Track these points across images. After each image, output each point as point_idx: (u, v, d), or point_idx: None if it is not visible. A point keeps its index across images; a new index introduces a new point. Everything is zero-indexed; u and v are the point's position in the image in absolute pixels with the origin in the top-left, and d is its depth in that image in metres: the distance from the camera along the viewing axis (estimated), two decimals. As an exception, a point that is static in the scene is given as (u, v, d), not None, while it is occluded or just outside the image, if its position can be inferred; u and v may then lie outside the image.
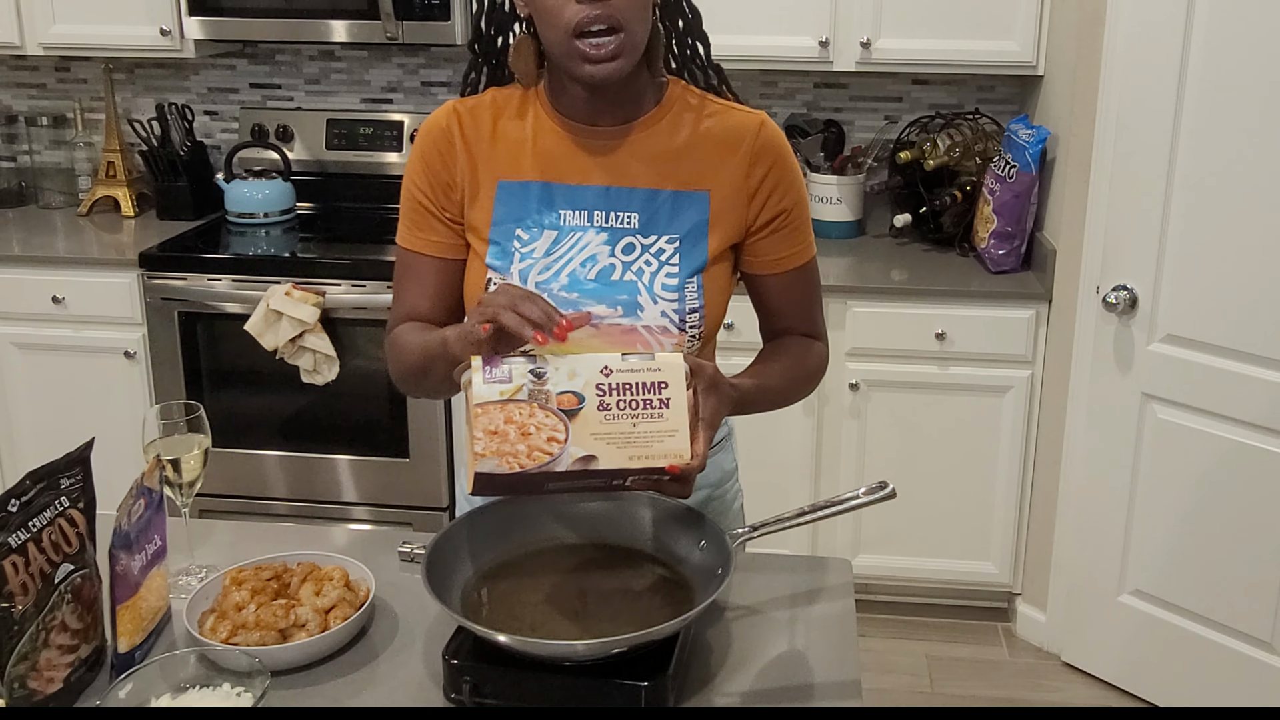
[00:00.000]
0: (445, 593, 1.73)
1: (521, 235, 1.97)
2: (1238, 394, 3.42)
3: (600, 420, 1.65)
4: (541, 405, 1.64)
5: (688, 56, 2.06)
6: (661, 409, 1.67)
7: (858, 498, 1.87)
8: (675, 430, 1.67)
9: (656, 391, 1.67)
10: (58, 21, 4.41)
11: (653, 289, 1.94)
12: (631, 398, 1.66)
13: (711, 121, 2.00)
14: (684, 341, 1.96)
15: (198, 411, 2.00)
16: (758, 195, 1.99)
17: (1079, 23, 3.71)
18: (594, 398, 1.66)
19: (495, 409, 1.63)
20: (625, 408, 1.66)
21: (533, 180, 1.98)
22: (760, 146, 1.99)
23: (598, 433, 1.65)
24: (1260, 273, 3.30)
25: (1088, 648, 3.97)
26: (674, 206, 1.97)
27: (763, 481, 4.08)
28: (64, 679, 1.67)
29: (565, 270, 1.95)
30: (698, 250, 1.97)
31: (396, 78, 4.84)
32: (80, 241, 4.41)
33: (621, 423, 1.66)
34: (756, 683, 1.75)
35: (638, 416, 1.66)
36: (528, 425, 1.63)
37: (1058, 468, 3.94)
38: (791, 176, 2.02)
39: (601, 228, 1.97)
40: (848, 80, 4.61)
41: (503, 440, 1.62)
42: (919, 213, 4.37)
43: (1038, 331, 3.94)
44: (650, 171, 1.97)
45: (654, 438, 1.66)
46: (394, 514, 4.30)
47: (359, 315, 4.11)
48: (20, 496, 1.64)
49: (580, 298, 1.94)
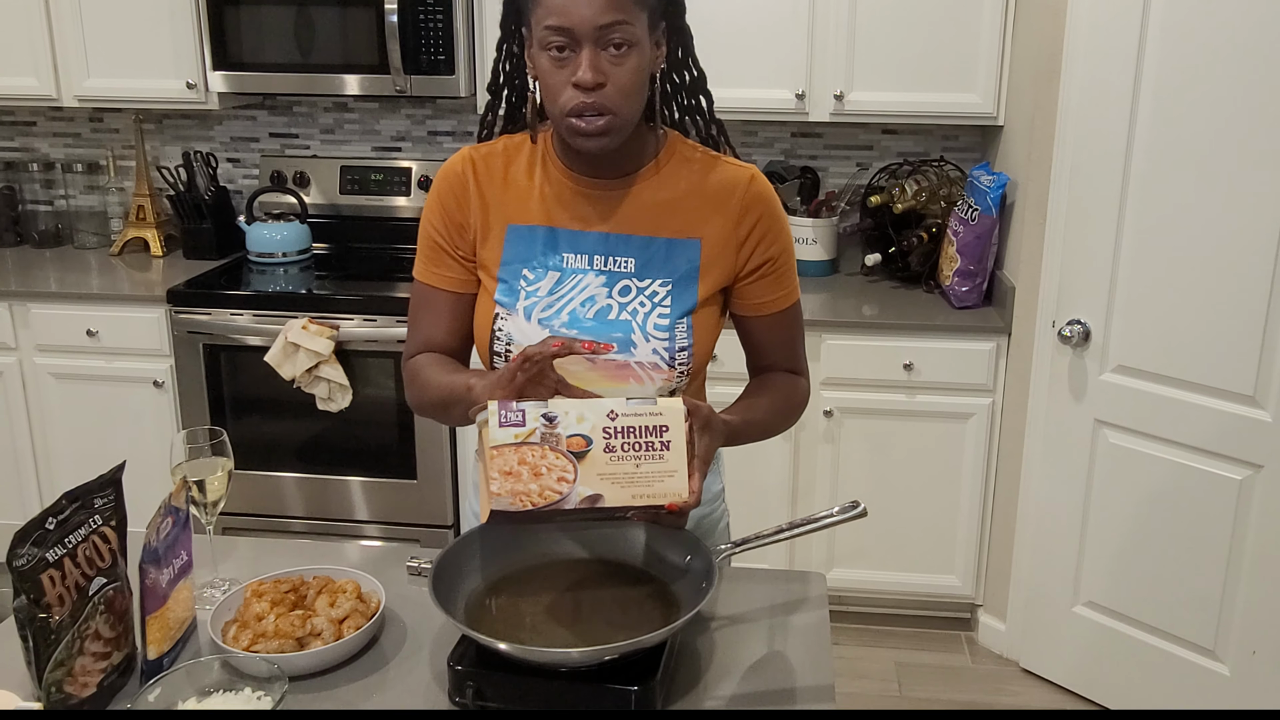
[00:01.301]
0: (450, 604, 1.73)
1: (527, 275, 1.98)
2: (1182, 420, 3.43)
3: (606, 461, 1.67)
4: (553, 447, 1.66)
5: (690, 107, 2.07)
6: (663, 450, 1.69)
7: (832, 516, 1.87)
8: (675, 471, 1.69)
9: (658, 435, 1.69)
10: (91, 76, 4.42)
11: (645, 328, 1.95)
12: (635, 440, 1.68)
13: (705, 175, 2.00)
14: (673, 377, 1.96)
15: (221, 436, 2.01)
16: (746, 243, 2.00)
17: (1035, 77, 3.72)
18: (600, 440, 1.67)
19: (510, 450, 1.65)
20: (629, 449, 1.68)
21: (539, 225, 1.99)
22: (750, 199, 1.99)
23: (604, 473, 1.67)
24: (1202, 308, 3.31)
25: (1044, 655, 3.96)
26: (668, 253, 1.98)
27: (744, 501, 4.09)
28: (97, 684, 1.67)
29: (566, 309, 1.96)
30: (688, 294, 1.97)
31: (405, 128, 4.85)
32: (112, 279, 4.40)
33: (625, 463, 1.68)
34: (738, 687, 1.75)
35: (640, 458, 1.68)
36: (539, 466, 1.65)
37: (1016, 488, 3.94)
38: (779, 227, 2.03)
39: (600, 271, 1.97)
40: (822, 130, 4.63)
41: (516, 480, 1.64)
42: (888, 252, 4.38)
43: (998, 362, 3.94)
44: (646, 220, 1.98)
45: (655, 478, 1.68)
46: (402, 531, 4.31)
47: (370, 347, 4.11)
48: (57, 515, 1.64)
49: (579, 334, 1.94)
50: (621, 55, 1.79)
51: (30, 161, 5.03)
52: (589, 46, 1.77)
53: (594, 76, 1.77)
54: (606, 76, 1.79)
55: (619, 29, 1.77)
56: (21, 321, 4.31)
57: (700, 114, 2.07)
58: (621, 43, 1.78)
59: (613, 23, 1.76)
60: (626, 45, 1.79)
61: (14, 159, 5.05)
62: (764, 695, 1.73)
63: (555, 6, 1.76)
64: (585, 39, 1.77)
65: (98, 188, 4.99)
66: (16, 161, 5.03)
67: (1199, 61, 3.19)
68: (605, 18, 1.75)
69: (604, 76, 1.79)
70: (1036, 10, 3.74)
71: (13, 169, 5.01)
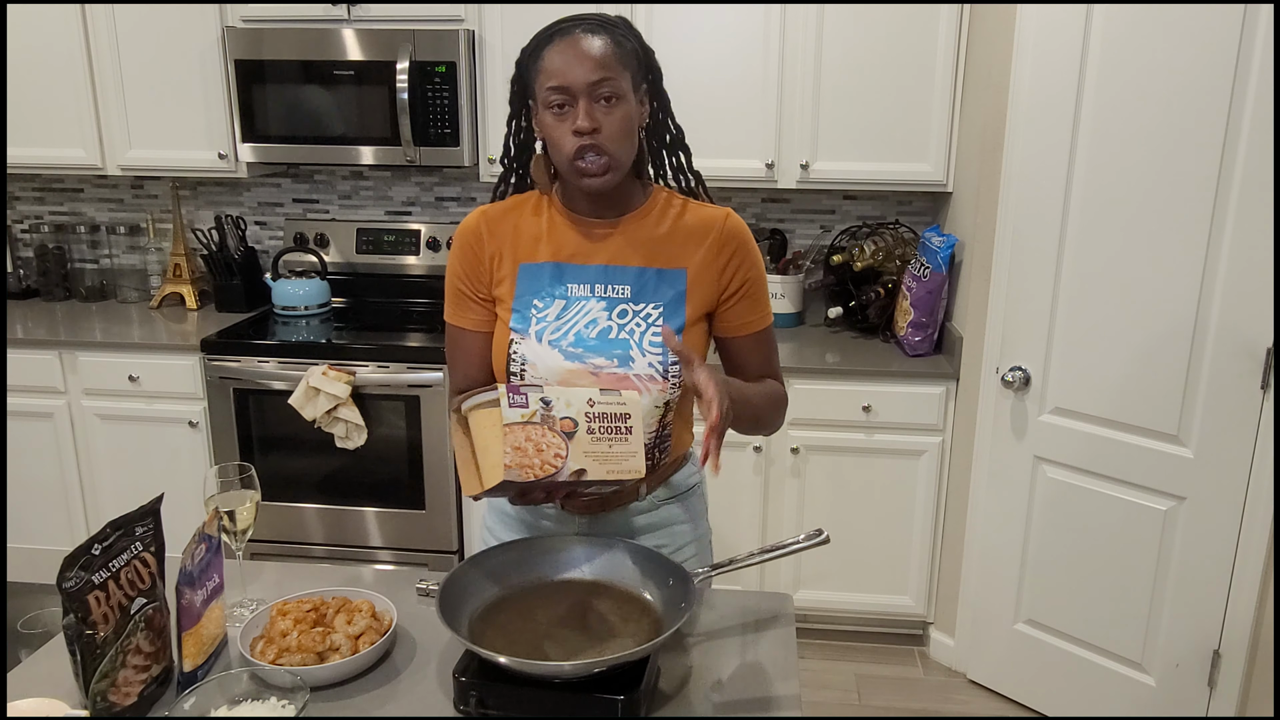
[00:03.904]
0: (455, 622, 1.73)
1: (537, 304, 2.04)
2: (1113, 457, 3.44)
3: (589, 441, 1.78)
4: (550, 428, 1.76)
5: (673, 166, 2.16)
6: (627, 434, 1.82)
7: (799, 543, 1.88)
8: (636, 451, 1.82)
9: (624, 420, 1.82)
10: (133, 147, 4.44)
11: (641, 345, 2.00)
12: (608, 424, 1.80)
13: (687, 216, 2.09)
14: (667, 388, 2.02)
15: (249, 471, 2.01)
16: (726, 270, 2.07)
17: (981, 149, 3.75)
18: (584, 423, 1.79)
19: (519, 429, 1.75)
20: (605, 432, 1.81)
21: (547, 261, 2.06)
22: (727, 234, 2.07)
23: (587, 451, 1.78)
24: (1131, 355, 3.33)
25: (989, 667, 3.96)
26: (658, 281, 2.05)
27: (719, 529, 4.09)
28: (138, 694, 1.67)
29: (572, 331, 2.01)
30: (678, 315, 2.03)
31: (415, 194, 4.86)
32: (152, 330, 4.40)
33: (602, 444, 1.80)
34: (715, 696, 1.74)
35: (613, 440, 1.80)
36: (541, 443, 1.75)
37: (964, 518, 3.94)
38: (753, 256, 2.11)
39: (601, 297, 2.03)
40: (789, 195, 4.65)
41: (522, 455, 1.74)
42: (849, 306, 4.39)
43: (947, 405, 3.95)
44: (639, 254, 2.05)
45: (623, 457, 1.80)
46: (412, 556, 4.30)
47: (384, 391, 4.11)
48: (102, 542, 1.64)
49: (584, 352, 2.00)
50: (611, 106, 1.91)
51: (78, 224, 5.03)
52: (584, 99, 1.89)
53: (590, 122, 1.89)
54: (600, 124, 1.90)
55: (607, 84, 1.89)
56: (70, 368, 4.30)
57: (681, 167, 2.17)
58: (611, 95, 1.90)
59: (602, 79, 1.88)
60: (615, 98, 1.91)
61: (63, 222, 5.06)
62: (737, 704, 1.73)
63: (555, 71, 1.89)
64: (580, 94, 1.89)
65: (138, 248, 5.00)
66: (65, 224, 5.03)
67: (1127, 135, 3.22)
68: (595, 75, 1.88)
69: (598, 123, 1.90)
70: (982, 89, 3.77)
71: (62, 231, 5.02)
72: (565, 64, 1.88)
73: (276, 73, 4.20)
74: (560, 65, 1.89)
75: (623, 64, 1.92)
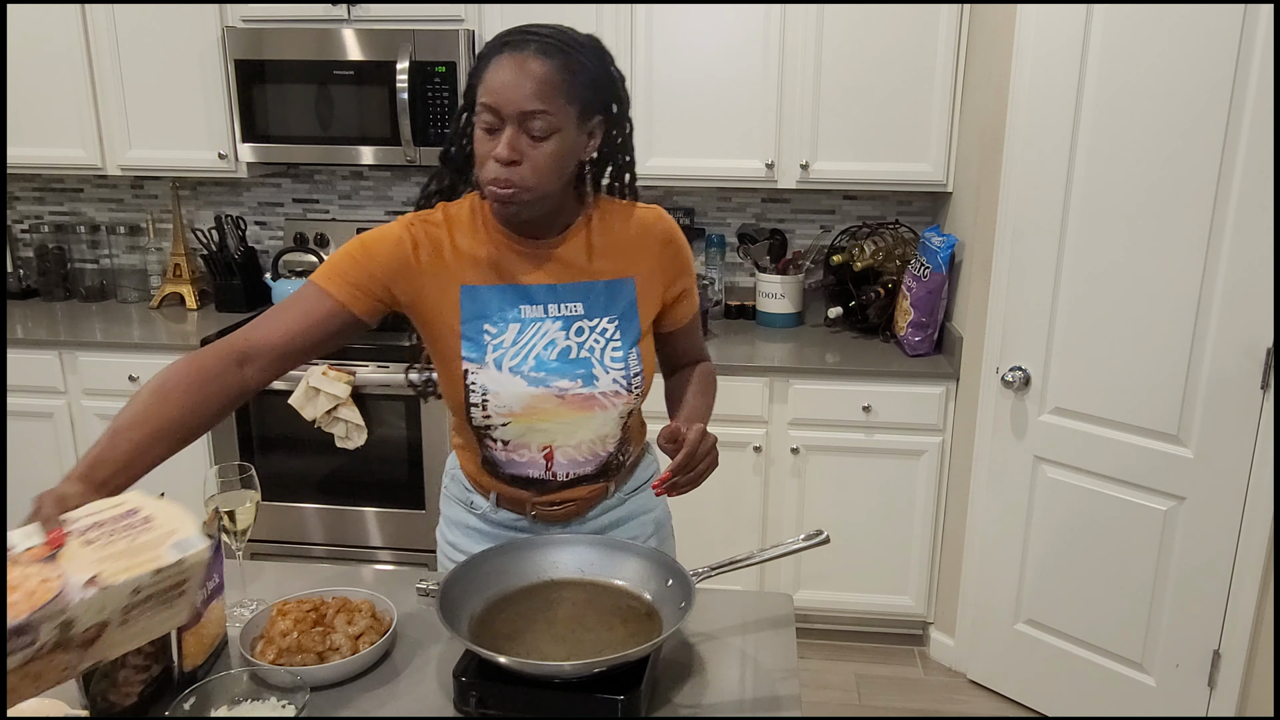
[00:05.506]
0: (455, 622, 1.73)
1: (490, 329, 1.97)
2: (1113, 456, 3.44)
3: (92, 548, 1.40)
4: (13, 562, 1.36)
5: (613, 187, 2.10)
6: (145, 525, 1.46)
7: (798, 543, 1.89)
8: (175, 528, 1.46)
9: (130, 516, 1.48)
10: (133, 147, 4.44)
11: (604, 362, 1.99)
12: (111, 527, 1.45)
13: (625, 223, 2.05)
14: (632, 400, 2.02)
15: (249, 471, 2.01)
16: (669, 271, 2.08)
17: (981, 149, 3.75)
18: (76, 537, 1.42)
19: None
20: (112, 535, 1.43)
21: (493, 284, 1.98)
22: (664, 235, 2.07)
23: (99, 556, 1.39)
24: (1131, 355, 3.34)
25: (989, 667, 3.96)
26: (608, 293, 2.02)
27: (719, 529, 4.09)
28: (138, 694, 1.66)
29: (531, 354, 1.97)
30: (633, 326, 2.02)
31: (415, 194, 4.79)
32: (152, 330, 4.40)
33: (118, 543, 1.42)
34: (713, 696, 1.75)
35: (133, 535, 1.44)
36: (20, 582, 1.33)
37: (964, 518, 3.94)
38: (686, 251, 2.13)
39: (555, 317, 1.99)
40: (790, 196, 4.66)
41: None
42: (849, 306, 4.39)
43: (947, 405, 3.96)
44: (584, 268, 2.01)
45: (162, 539, 1.44)
46: (412, 556, 4.30)
47: (383, 391, 4.11)
48: (103, 542, 1.64)
49: (547, 375, 1.96)
50: (539, 141, 1.81)
51: (78, 224, 5.04)
52: (511, 127, 1.80)
53: (509, 154, 1.80)
54: (522, 156, 1.81)
55: (540, 118, 1.79)
56: (70, 368, 4.30)
57: (622, 187, 2.11)
58: (543, 130, 1.80)
59: (535, 111, 1.78)
60: (548, 132, 1.81)
61: (63, 222, 5.06)
62: (737, 704, 1.73)
63: (492, 87, 1.79)
64: (509, 120, 1.79)
65: (138, 248, 5.00)
66: (65, 224, 5.03)
67: (1127, 135, 3.22)
68: (530, 105, 1.78)
69: (519, 155, 1.81)
70: (982, 89, 3.77)
71: (62, 231, 5.02)
72: (503, 85, 1.78)
73: (276, 73, 4.20)
74: (498, 84, 1.79)
75: (568, 96, 1.82)
